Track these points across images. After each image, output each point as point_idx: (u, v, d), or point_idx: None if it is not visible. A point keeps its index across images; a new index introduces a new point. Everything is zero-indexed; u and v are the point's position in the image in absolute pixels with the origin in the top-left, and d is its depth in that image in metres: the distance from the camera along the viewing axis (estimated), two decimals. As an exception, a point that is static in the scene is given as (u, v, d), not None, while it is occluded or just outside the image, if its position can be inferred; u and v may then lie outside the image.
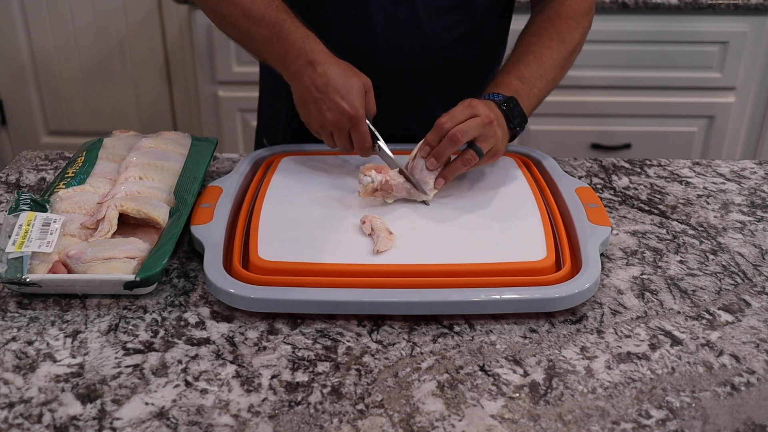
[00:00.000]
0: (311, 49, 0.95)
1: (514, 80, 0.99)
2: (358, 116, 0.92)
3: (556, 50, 1.03)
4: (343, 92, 0.92)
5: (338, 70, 0.94)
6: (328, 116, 0.93)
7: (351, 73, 0.94)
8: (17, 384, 0.67)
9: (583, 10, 1.07)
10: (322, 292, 0.75)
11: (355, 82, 0.93)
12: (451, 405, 0.65)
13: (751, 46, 2.01)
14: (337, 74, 0.93)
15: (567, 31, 1.05)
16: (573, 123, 2.11)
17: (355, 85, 0.93)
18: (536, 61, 1.01)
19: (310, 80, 0.94)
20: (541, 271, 0.79)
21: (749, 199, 1.00)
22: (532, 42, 1.04)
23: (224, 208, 0.90)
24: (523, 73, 1.00)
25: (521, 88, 0.98)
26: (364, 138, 0.94)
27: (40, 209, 0.87)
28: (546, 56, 1.02)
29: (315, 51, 0.95)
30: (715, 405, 0.65)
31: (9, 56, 2.41)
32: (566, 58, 1.04)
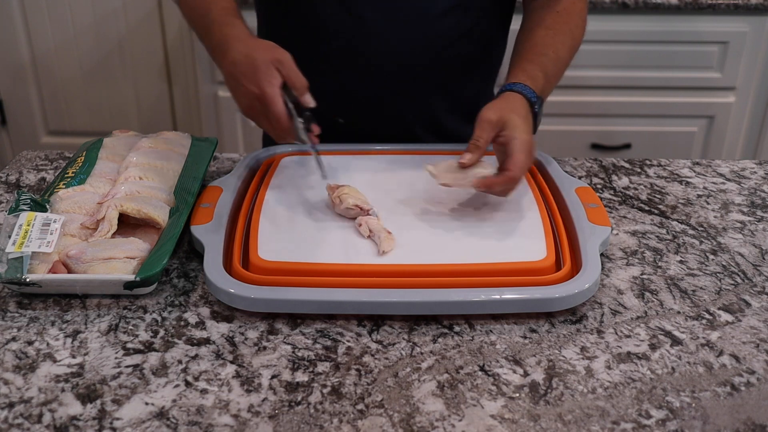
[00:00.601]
0: (226, 35, 0.92)
1: (540, 75, 0.96)
2: (266, 95, 0.86)
3: (568, 47, 1.02)
4: (249, 74, 0.87)
5: (245, 51, 0.88)
6: (244, 102, 0.89)
7: (257, 52, 0.88)
8: (17, 384, 0.67)
9: (584, 13, 1.07)
10: (322, 292, 0.75)
11: (260, 60, 0.87)
12: (451, 405, 0.65)
13: (751, 46, 2.01)
14: (241, 57, 0.88)
15: (576, 28, 1.04)
16: (573, 123, 2.11)
17: (260, 64, 0.87)
18: (555, 57, 1.00)
19: (225, 71, 0.91)
20: (541, 271, 0.79)
21: (749, 199, 1.00)
22: (549, 35, 1.02)
23: (224, 208, 0.90)
24: (547, 67, 0.98)
25: (545, 86, 0.97)
26: (278, 118, 0.86)
27: (40, 209, 0.87)
28: (562, 52, 1.01)
29: (228, 36, 0.91)
30: (715, 405, 0.65)
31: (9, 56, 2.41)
32: (573, 53, 1.04)
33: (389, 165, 1.02)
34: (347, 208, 0.87)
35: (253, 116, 0.90)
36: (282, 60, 0.88)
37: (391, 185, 0.96)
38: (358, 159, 1.04)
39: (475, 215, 0.89)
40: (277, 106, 0.86)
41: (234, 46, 0.90)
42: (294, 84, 0.88)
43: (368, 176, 0.99)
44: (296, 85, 0.88)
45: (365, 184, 0.96)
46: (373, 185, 0.96)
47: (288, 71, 0.88)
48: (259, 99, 0.87)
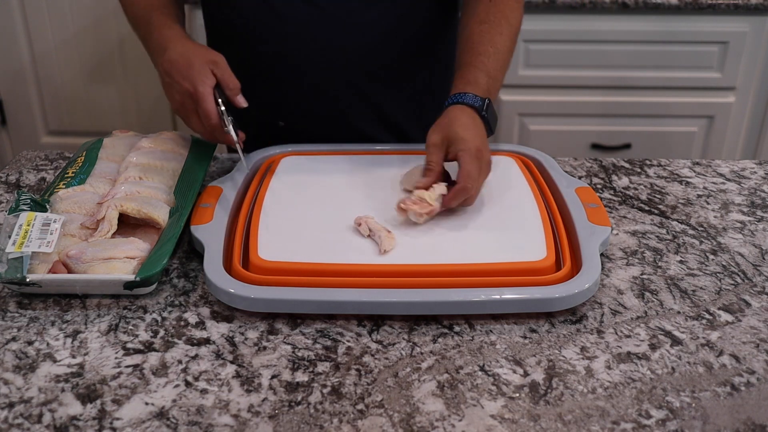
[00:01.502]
0: (165, 36, 0.95)
1: (482, 76, 0.95)
2: (198, 92, 0.89)
3: (507, 36, 1.00)
4: (184, 71, 0.90)
5: (181, 50, 0.92)
6: (177, 98, 0.92)
7: (194, 53, 0.92)
8: (17, 384, 0.67)
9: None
10: (322, 292, 0.75)
11: (197, 59, 0.91)
12: (451, 405, 0.65)
13: (751, 46, 2.01)
14: (177, 56, 0.92)
15: (511, 13, 1.01)
16: (573, 123, 2.11)
17: (196, 63, 0.91)
18: (495, 51, 0.97)
19: (161, 67, 0.94)
20: (541, 271, 0.79)
21: (749, 199, 1.00)
22: (484, 30, 0.99)
23: (224, 208, 0.90)
24: (488, 66, 0.96)
25: (491, 85, 0.95)
26: (208, 115, 0.90)
27: (40, 209, 0.87)
28: (501, 44, 0.99)
29: (167, 37, 0.95)
30: (715, 405, 0.65)
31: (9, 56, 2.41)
32: (514, 41, 1.01)
33: (390, 165, 1.02)
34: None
35: (184, 114, 0.94)
36: (216, 61, 0.92)
37: (393, 184, 0.96)
38: (358, 159, 1.04)
39: (475, 215, 0.89)
40: (208, 103, 0.90)
41: (172, 46, 0.94)
42: (227, 84, 0.92)
43: (369, 175, 0.99)
44: (230, 85, 0.92)
45: (366, 184, 0.96)
46: (374, 184, 0.96)
47: (222, 72, 0.92)
48: (192, 96, 0.90)
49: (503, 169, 1.00)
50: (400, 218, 0.86)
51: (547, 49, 2.01)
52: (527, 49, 2.01)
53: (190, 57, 0.92)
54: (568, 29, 1.99)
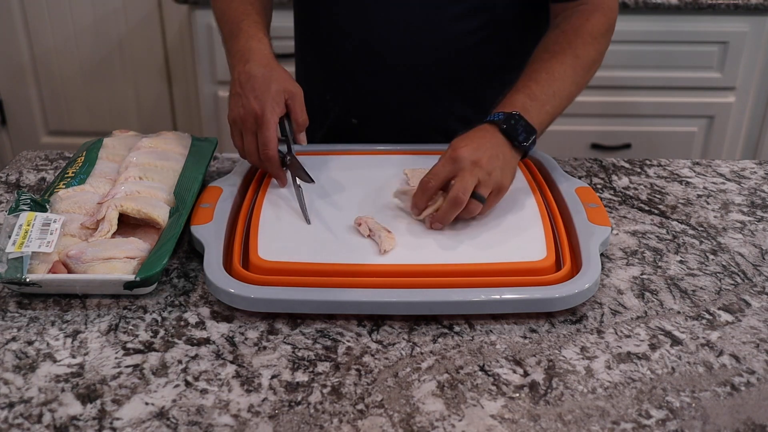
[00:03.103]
0: (251, 48, 0.95)
1: (523, 98, 0.94)
2: (265, 118, 0.89)
3: (569, 66, 0.98)
4: (259, 92, 0.90)
5: (264, 71, 0.92)
6: (239, 111, 0.92)
7: (275, 77, 0.92)
8: (17, 384, 0.67)
9: (602, 29, 1.02)
10: (322, 292, 0.75)
11: (275, 85, 0.90)
12: (451, 405, 0.65)
13: (751, 46, 2.01)
14: (260, 73, 0.91)
15: (582, 46, 0.99)
16: (573, 123, 2.11)
17: (273, 88, 0.90)
18: (548, 78, 0.96)
19: (237, 74, 0.94)
20: (541, 271, 0.79)
21: (749, 199, 1.00)
22: (545, 58, 0.99)
23: (224, 208, 0.90)
24: (534, 90, 0.95)
25: (530, 105, 0.93)
26: (267, 144, 0.90)
27: (40, 209, 0.87)
28: (559, 72, 0.97)
29: (254, 50, 0.94)
30: (715, 405, 0.65)
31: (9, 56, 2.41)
32: (581, 74, 0.99)
33: (390, 165, 1.02)
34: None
35: (238, 129, 0.93)
36: (294, 93, 0.92)
37: (392, 185, 0.96)
38: (359, 159, 1.04)
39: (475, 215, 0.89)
40: (270, 131, 0.89)
41: (256, 60, 0.93)
42: (296, 119, 0.93)
43: (369, 176, 0.98)
44: (298, 120, 0.93)
45: (366, 184, 0.96)
46: (374, 185, 0.96)
47: (295, 105, 0.92)
48: (257, 118, 0.90)
49: (503, 169, 1.00)
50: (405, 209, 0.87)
51: (547, 49, 2.01)
52: (527, 49, 2.01)
53: (270, 79, 0.91)
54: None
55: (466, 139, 0.88)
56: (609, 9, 1.02)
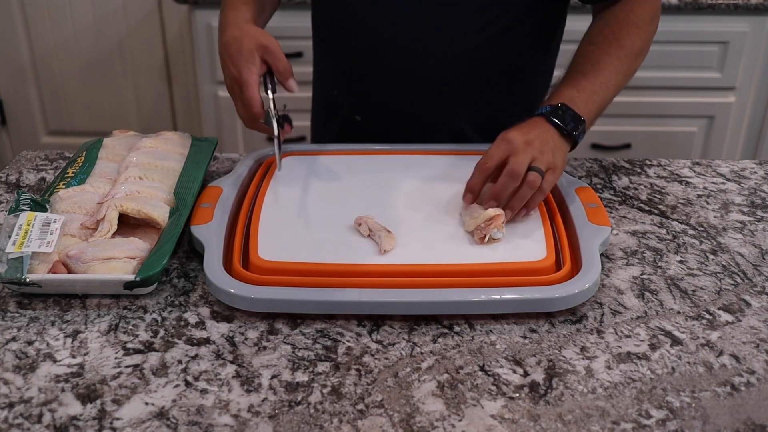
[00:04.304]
0: (227, 18, 0.96)
1: (569, 90, 0.94)
2: (243, 79, 0.89)
3: (615, 56, 0.98)
4: (234, 56, 0.90)
5: (237, 34, 0.92)
6: (227, 82, 0.93)
7: (247, 38, 0.91)
8: (17, 384, 0.67)
9: (647, 17, 1.01)
10: (322, 292, 0.75)
11: (247, 45, 0.90)
12: (451, 405, 0.65)
13: (751, 46, 2.01)
14: (233, 39, 0.92)
15: (627, 36, 0.99)
16: (573, 123, 2.11)
17: (245, 49, 0.90)
18: (594, 69, 0.97)
19: (219, 51, 0.95)
20: (541, 271, 0.79)
21: (749, 199, 1.00)
22: (589, 51, 0.99)
23: (224, 208, 0.90)
24: (581, 83, 0.95)
25: (577, 97, 0.94)
26: (249, 103, 0.89)
27: (40, 209, 0.87)
28: (605, 63, 0.97)
29: (229, 20, 0.96)
30: (715, 405, 0.65)
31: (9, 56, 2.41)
32: (628, 63, 0.99)
33: (390, 165, 1.02)
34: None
35: (232, 97, 0.94)
36: (267, 46, 0.91)
37: (392, 185, 0.96)
38: (359, 159, 1.04)
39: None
40: (250, 90, 0.89)
41: (229, 30, 0.94)
42: (277, 68, 0.91)
43: (369, 176, 0.99)
44: (280, 69, 0.91)
45: (366, 184, 0.96)
46: (374, 185, 0.96)
47: (272, 57, 0.91)
48: (237, 82, 0.90)
49: (503, 169, 1.00)
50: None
51: (547, 49, 2.01)
52: (527, 49, 2.01)
53: (242, 42, 0.91)
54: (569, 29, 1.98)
55: (516, 127, 0.89)
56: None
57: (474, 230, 0.83)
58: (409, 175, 0.99)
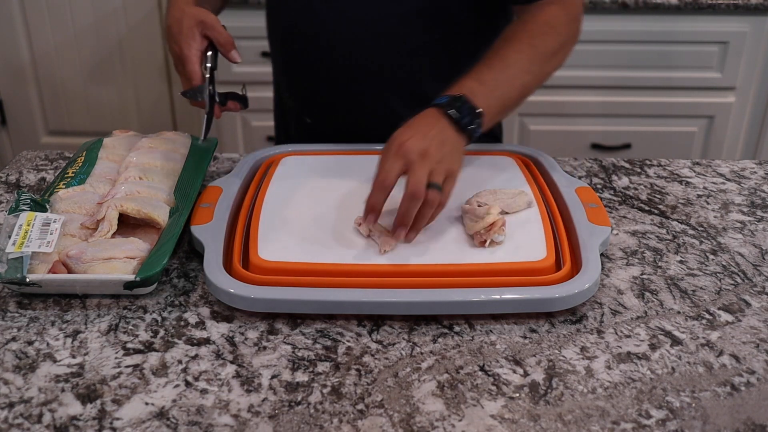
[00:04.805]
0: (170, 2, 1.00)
1: (471, 82, 0.90)
2: (183, 55, 0.94)
3: (525, 54, 0.94)
4: (175, 36, 0.95)
5: (177, 15, 0.96)
6: (173, 61, 0.96)
7: (186, 16, 0.95)
8: (17, 384, 0.67)
9: (564, 19, 0.99)
10: (322, 292, 0.75)
11: (187, 22, 0.94)
12: (451, 405, 0.65)
13: (751, 46, 2.01)
14: (173, 20, 0.97)
15: (540, 36, 0.96)
16: (573, 123, 2.11)
17: (185, 26, 0.94)
18: (501, 64, 0.93)
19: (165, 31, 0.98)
20: (541, 271, 0.79)
21: (749, 199, 1.00)
22: (500, 46, 0.95)
23: (224, 208, 0.90)
24: (484, 75, 0.91)
25: (478, 89, 0.89)
26: (191, 78, 0.94)
27: (40, 209, 0.87)
28: (513, 60, 0.93)
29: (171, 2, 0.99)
30: (715, 405, 0.65)
31: (9, 56, 2.41)
32: (538, 64, 0.95)
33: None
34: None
35: (179, 74, 0.98)
36: (206, 22, 0.95)
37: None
38: (359, 159, 1.04)
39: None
40: (190, 64, 0.94)
41: (171, 12, 0.98)
42: (218, 41, 0.96)
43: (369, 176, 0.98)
44: (221, 41, 0.96)
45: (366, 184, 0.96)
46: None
47: (212, 32, 0.95)
48: (179, 58, 0.95)
49: (503, 169, 1.00)
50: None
51: (547, 49, 2.01)
52: (527, 49, 2.01)
53: (182, 21, 0.95)
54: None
55: (410, 128, 0.84)
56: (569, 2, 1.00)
57: (474, 234, 0.83)
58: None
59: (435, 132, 0.84)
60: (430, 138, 0.83)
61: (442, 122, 0.86)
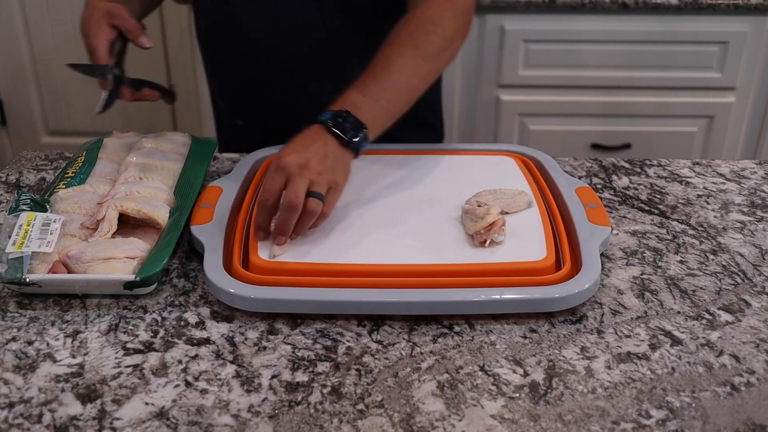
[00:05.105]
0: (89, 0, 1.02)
1: (355, 94, 0.89)
2: (92, 46, 0.97)
3: (409, 57, 0.92)
4: (86, 29, 0.98)
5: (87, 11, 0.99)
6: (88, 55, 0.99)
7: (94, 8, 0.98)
8: (17, 384, 0.67)
9: (447, 15, 0.95)
10: (322, 292, 0.75)
11: (96, 15, 0.97)
12: (451, 405, 0.65)
13: (751, 46, 2.01)
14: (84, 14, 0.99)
15: (423, 35, 0.93)
16: (573, 123, 2.11)
17: (94, 18, 0.97)
18: (385, 71, 0.91)
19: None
20: (541, 271, 0.79)
21: (749, 199, 1.00)
22: (385, 51, 0.93)
23: (224, 208, 0.90)
24: (368, 86, 0.89)
25: (361, 101, 0.88)
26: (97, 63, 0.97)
27: (40, 209, 0.87)
28: (398, 65, 0.91)
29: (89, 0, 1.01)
30: (715, 405, 0.65)
31: (9, 56, 2.41)
32: (423, 65, 0.93)
33: (390, 164, 1.02)
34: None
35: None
36: (112, 12, 0.98)
37: (392, 184, 0.96)
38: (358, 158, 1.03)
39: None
40: (98, 53, 0.97)
41: (84, 10, 1.01)
42: (126, 28, 0.99)
43: (368, 176, 0.98)
44: (128, 28, 0.99)
45: (366, 183, 0.96)
46: (374, 184, 0.96)
47: (120, 20, 0.98)
48: (89, 49, 0.98)
49: (503, 169, 1.00)
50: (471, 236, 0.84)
51: (547, 49, 2.01)
52: (527, 49, 2.01)
53: (92, 15, 0.98)
54: (568, 29, 1.99)
55: (293, 144, 0.84)
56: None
57: (474, 234, 0.83)
58: (409, 175, 0.99)
59: (317, 146, 0.83)
60: (311, 151, 0.82)
61: (325, 137, 0.85)
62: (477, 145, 1.09)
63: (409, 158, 1.04)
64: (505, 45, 2.00)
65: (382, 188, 0.95)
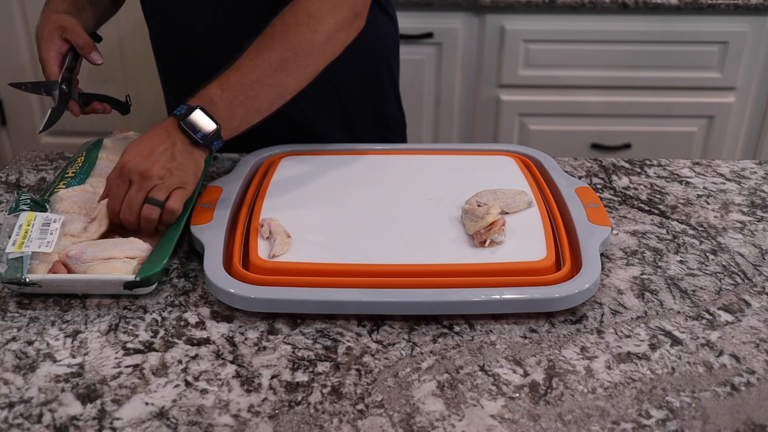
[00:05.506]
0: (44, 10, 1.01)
1: (215, 88, 0.86)
2: (43, 59, 0.98)
3: (276, 51, 0.88)
4: (39, 42, 0.99)
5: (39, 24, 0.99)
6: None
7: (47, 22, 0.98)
8: (17, 384, 0.67)
9: (324, 8, 0.90)
10: (322, 292, 0.75)
11: (48, 27, 0.98)
12: (451, 405, 0.65)
13: (751, 46, 2.01)
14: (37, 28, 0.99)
15: (295, 28, 0.89)
16: (573, 123, 2.11)
17: (46, 32, 0.98)
18: (250, 65, 0.87)
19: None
20: (541, 271, 0.79)
21: (749, 199, 1.00)
22: (255, 43, 0.89)
23: (224, 208, 0.90)
24: (230, 80, 0.86)
25: (220, 96, 0.85)
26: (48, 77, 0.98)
27: (40, 209, 0.87)
28: (264, 58, 0.87)
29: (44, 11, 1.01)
30: (715, 405, 0.65)
31: (9, 56, 2.41)
32: (294, 60, 0.88)
33: (390, 164, 1.02)
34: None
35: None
36: (64, 26, 0.98)
37: (392, 184, 0.96)
38: (358, 159, 1.04)
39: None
40: (48, 66, 0.98)
41: (39, 21, 1.01)
42: (78, 44, 0.99)
43: (369, 175, 0.99)
44: (80, 44, 0.99)
45: (366, 183, 0.96)
46: (374, 184, 0.96)
47: (71, 35, 0.98)
48: (41, 61, 0.98)
49: (503, 169, 1.00)
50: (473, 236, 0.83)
51: (547, 49, 2.01)
52: (527, 49, 2.01)
53: (44, 27, 0.98)
54: (568, 29, 1.99)
55: (139, 144, 0.83)
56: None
57: (474, 234, 0.83)
58: (409, 175, 0.99)
59: (164, 148, 0.83)
60: (156, 156, 0.82)
61: (174, 135, 0.84)
62: (477, 145, 1.09)
63: (409, 158, 1.04)
64: (505, 45, 2.00)
65: (383, 188, 0.95)
